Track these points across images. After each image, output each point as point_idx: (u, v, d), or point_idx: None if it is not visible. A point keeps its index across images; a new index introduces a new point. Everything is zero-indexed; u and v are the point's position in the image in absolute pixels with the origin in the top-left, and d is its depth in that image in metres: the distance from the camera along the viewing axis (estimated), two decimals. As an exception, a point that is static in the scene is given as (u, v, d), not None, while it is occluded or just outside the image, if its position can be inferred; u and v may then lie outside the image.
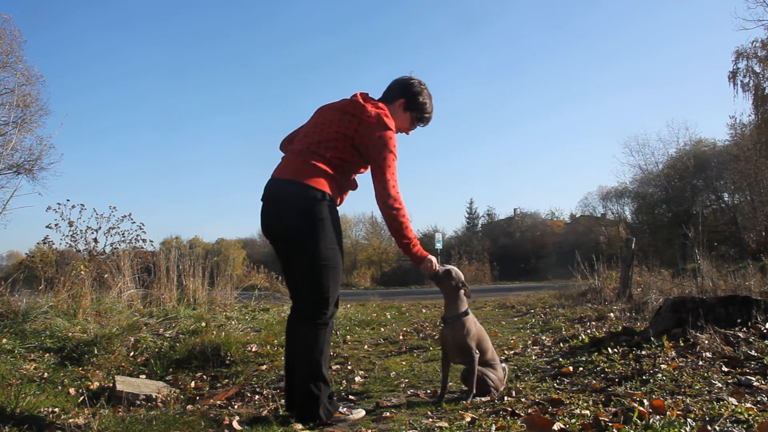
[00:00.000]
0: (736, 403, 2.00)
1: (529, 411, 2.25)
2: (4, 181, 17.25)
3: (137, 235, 6.44)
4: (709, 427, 1.73)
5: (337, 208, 2.51)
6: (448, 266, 2.68)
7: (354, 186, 2.61)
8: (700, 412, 1.94)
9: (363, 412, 2.50)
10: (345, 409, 2.47)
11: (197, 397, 3.13)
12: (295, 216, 2.37)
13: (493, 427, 2.03)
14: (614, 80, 48.57)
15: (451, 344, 2.63)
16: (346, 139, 2.42)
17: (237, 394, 3.16)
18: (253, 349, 4.11)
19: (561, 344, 4.06)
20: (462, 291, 2.65)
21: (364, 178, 2.67)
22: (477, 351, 2.61)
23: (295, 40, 53.24)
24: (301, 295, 2.42)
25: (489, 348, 2.72)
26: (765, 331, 3.14)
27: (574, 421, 1.99)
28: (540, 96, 51.75)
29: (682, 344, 3.12)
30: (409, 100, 2.61)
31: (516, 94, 52.01)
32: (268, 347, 4.20)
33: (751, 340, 3.02)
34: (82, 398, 2.90)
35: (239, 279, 9.54)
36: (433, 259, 2.58)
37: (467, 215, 35.75)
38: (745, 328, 3.24)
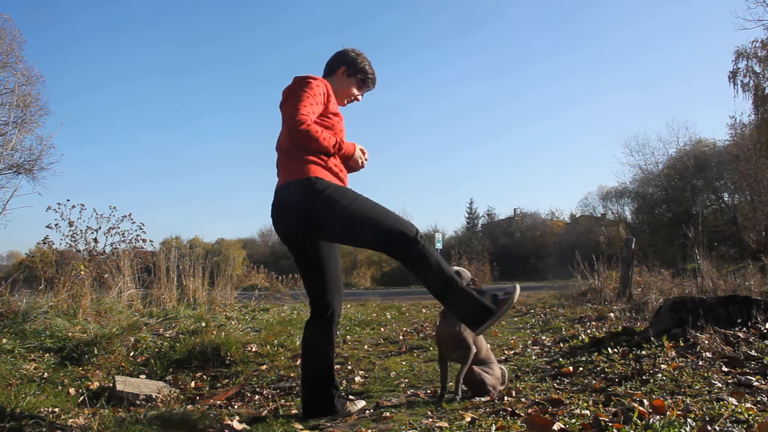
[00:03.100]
0: (736, 403, 2.00)
1: (529, 411, 2.25)
2: (4, 181, 17.28)
3: (137, 235, 6.46)
4: (709, 427, 1.73)
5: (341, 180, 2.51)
6: (457, 268, 2.69)
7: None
8: (700, 412, 1.94)
9: (363, 403, 2.55)
10: (347, 403, 2.50)
11: (197, 397, 3.14)
12: (300, 214, 2.36)
13: (493, 427, 2.03)
14: (615, 80, 48.52)
15: (447, 339, 2.63)
16: None
17: (237, 394, 3.16)
18: (253, 349, 4.11)
19: (561, 344, 4.06)
20: (474, 287, 2.68)
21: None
22: (474, 346, 2.61)
23: (295, 41, 53.18)
24: (387, 250, 2.41)
25: (483, 346, 2.71)
26: (765, 331, 3.14)
27: (574, 421, 1.99)
28: (540, 96, 51.73)
29: (682, 344, 3.12)
30: (349, 65, 2.69)
31: (516, 94, 51.98)
32: (268, 347, 4.20)
33: (751, 340, 3.02)
34: (82, 398, 2.91)
35: (239, 279, 9.52)
36: (360, 150, 2.56)
37: (467, 215, 35.78)
38: (745, 328, 3.24)
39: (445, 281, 2.36)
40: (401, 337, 5.03)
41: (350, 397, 2.87)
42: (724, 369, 2.58)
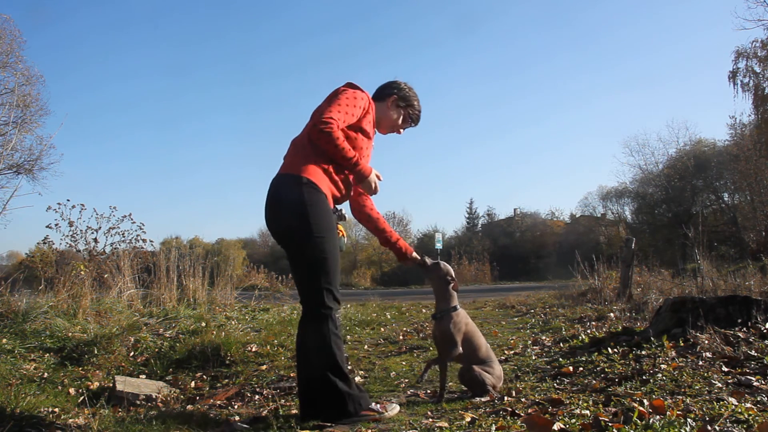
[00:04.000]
0: (736, 403, 2.00)
1: (529, 411, 2.25)
2: (4, 181, 17.28)
3: (137, 235, 6.47)
4: (709, 427, 1.73)
5: (335, 184, 2.47)
6: (436, 261, 2.73)
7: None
8: (700, 412, 1.94)
9: (398, 408, 2.45)
10: (379, 405, 2.42)
11: (197, 397, 3.14)
12: (280, 213, 2.38)
13: (493, 427, 2.03)
14: (615, 80, 48.66)
15: (439, 337, 2.64)
16: None
17: (237, 394, 3.16)
18: (253, 349, 4.11)
19: (561, 344, 4.06)
20: (451, 285, 2.67)
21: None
22: (460, 347, 2.61)
23: (295, 40, 53.28)
24: (299, 291, 2.38)
25: (482, 345, 2.71)
26: (765, 331, 3.14)
27: (574, 421, 1.99)
28: (540, 96, 51.85)
29: (682, 344, 3.12)
30: (400, 97, 2.72)
31: (516, 94, 52.08)
32: (268, 347, 4.20)
33: (751, 340, 3.02)
34: (82, 398, 2.91)
35: (239, 279, 9.53)
36: (376, 176, 2.53)
37: (467, 215, 35.83)
38: (745, 328, 3.24)
39: (325, 363, 2.29)
40: (401, 337, 5.03)
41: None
42: (724, 369, 2.58)
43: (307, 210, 2.31)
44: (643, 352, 3.06)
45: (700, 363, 2.70)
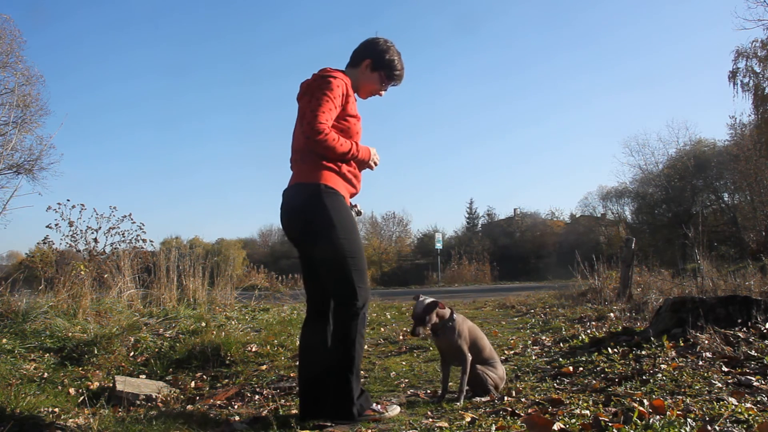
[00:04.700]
0: (736, 403, 2.00)
1: (529, 411, 2.25)
2: (4, 181, 17.28)
3: (137, 235, 6.46)
4: (709, 427, 1.73)
5: (351, 187, 2.49)
6: (422, 302, 2.59)
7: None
8: (700, 412, 1.94)
9: (398, 409, 2.46)
10: (379, 406, 2.43)
11: (197, 397, 3.14)
12: (301, 219, 2.40)
13: (493, 427, 2.03)
14: (615, 80, 48.55)
15: (447, 350, 2.65)
16: None
17: (237, 394, 3.16)
18: (253, 349, 4.11)
19: (561, 344, 4.06)
20: (437, 307, 2.60)
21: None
22: (469, 354, 2.63)
23: (295, 40, 53.22)
24: (331, 291, 2.40)
25: (486, 346, 2.73)
26: (765, 331, 3.14)
27: (574, 421, 1.99)
28: (540, 96, 51.77)
29: (682, 344, 3.12)
30: (375, 59, 2.57)
31: (516, 94, 51.98)
32: (268, 347, 4.20)
33: (751, 340, 3.02)
34: (82, 398, 2.91)
35: (239, 279, 9.54)
36: (374, 155, 2.52)
37: (467, 215, 35.82)
38: (745, 328, 3.24)
39: (344, 359, 2.32)
40: (401, 337, 5.03)
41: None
42: (724, 369, 2.58)
43: (331, 215, 2.33)
44: (643, 352, 3.06)
45: (700, 363, 2.70)
